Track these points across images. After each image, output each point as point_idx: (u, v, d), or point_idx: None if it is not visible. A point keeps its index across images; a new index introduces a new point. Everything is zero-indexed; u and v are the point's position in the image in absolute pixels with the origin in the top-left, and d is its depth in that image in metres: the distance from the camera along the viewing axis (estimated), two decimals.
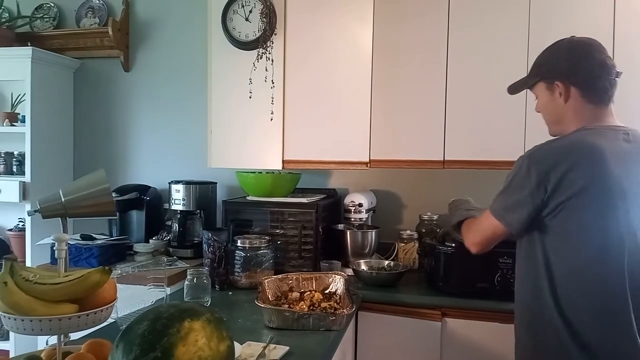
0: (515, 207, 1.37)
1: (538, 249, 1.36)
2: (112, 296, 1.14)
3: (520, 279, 1.47)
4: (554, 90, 1.45)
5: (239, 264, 2.05)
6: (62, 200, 1.18)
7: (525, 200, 1.34)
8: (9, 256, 1.08)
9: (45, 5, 3.09)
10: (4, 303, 1.01)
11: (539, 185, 1.32)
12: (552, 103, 1.46)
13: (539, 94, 1.51)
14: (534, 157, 1.36)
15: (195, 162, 2.84)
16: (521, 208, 1.36)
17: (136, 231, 2.70)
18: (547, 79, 1.46)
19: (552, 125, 1.51)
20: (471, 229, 1.59)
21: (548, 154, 1.34)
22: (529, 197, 1.34)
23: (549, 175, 1.30)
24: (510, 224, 1.40)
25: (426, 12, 2.25)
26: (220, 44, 2.38)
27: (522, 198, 1.35)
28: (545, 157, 1.34)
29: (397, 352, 2.00)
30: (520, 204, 1.36)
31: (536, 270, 1.37)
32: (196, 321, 0.93)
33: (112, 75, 3.03)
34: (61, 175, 2.95)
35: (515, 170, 1.39)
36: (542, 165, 1.32)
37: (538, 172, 1.32)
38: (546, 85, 1.47)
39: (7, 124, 2.83)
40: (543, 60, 1.50)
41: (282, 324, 1.58)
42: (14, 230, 2.92)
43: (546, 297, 1.33)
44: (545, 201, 1.32)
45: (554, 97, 1.45)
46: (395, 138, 2.30)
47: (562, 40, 1.47)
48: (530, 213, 1.35)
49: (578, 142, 1.34)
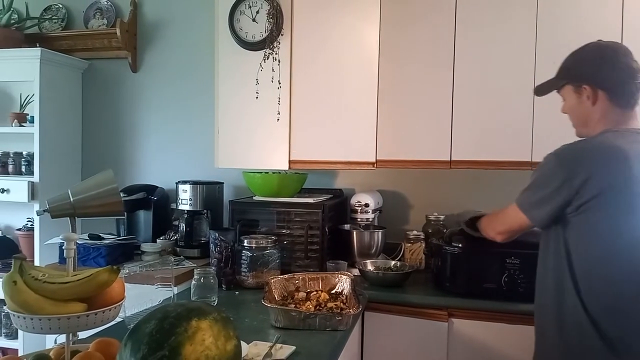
0: (540, 203, 1.42)
1: (561, 245, 1.41)
2: (120, 295, 1.15)
3: (542, 274, 1.50)
4: (581, 93, 1.48)
5: (245, 264, 2.05)
6: (70, 200, 1.19)
7: (550, 197, 1.39)
8: (18, 255, 1.09)
9: (53, 6, 3.12)
10: (13, 302, 1.02)
11: (565, 183, 1.36)
12: (580, 106, 1.50)
13: (566, 97, 1.54)
14: (562, 155, 1.40)
15: (202, 162, 2.86)
16: (546, 204, 1.41)
17: (144, 231, 2.71)
18: (575, 81, 1.50)
19: (579, 127, 1.55)
20: (496, 219, 1.66)
21: (576, 154, 1.39)
22: (554, 194, 1.38)
23: (575, 175, 1.35)
24: (535, 219, 1.46)
25: (433, 12, 2.25)
26: (227, 45, 2.38)
27: (547, 195, 1.40)
28: (573, 157, 1.38)
29: (404, 353, 2.00)
30: (546, 201, 1.41)
31: (560, 265, 1.41)
32: (203, 320, 0.93)
33: (119, 75, 3.05)
34: (69, 175, 2.97)
35: (542, 168, 1.44)
36: (569, 164, 1.37)
37: (565, 171, 1.36)
38: (574, 88, 1.50)
39: (16, 124, 2.86)
40: (571, 64, 1.53)
41: (289, 323, 1.58)
42: (22, 230, 2.95)
43: (569, 292, 1.37)
44: (570, 199, 1.36)
45: (581, 100, 1.49)
46: (402, 138, 2.29)
47: (590, 44, 1.52)
48: (555, 210, 1.40)
49: (604, 145, 1.39)
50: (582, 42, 2.04)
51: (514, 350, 1.89)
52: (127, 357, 0.89)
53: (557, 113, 2.10)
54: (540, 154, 2.09)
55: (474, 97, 2.21)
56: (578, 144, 1.43)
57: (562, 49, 2.09)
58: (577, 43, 2.07)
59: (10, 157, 2.90)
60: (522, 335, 1.87)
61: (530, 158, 2.15)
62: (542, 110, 2.14)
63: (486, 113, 2.20)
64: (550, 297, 1.44)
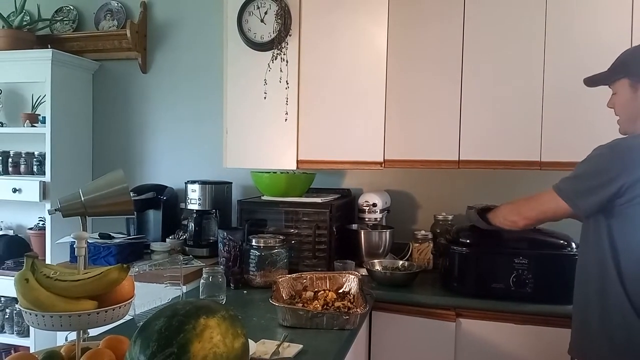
0: (588, 193, 1.45)
1: (604, 234, 1.44)
2: (130, 293, 1.16)
3: (583, 265, 1.53)
4: (638, 89, 1.49)
5: (253, 263, 2.06)
6: (81, 200, 1.20)
7: (600, 188, 1.42)
8: (30, 253, 1.10)
9: (65, 8, 3.15)
10: (25, 299, 1.04)
11: (620, 175, 1.39)
12: (634, 101, 1.51)
13: (620, 91, 1.55)
14: (618, 148, 1.43)
15: (211, 162, 2.87)
16: (594, 195, 1.43)
17: (153, 230, 2.73)
18: (634, 77, 1.50)
19: (627, 122, 1.55)
20: (525, 205, 1.67)
21: (632, 149, 1.42)
22: (607, 185, 1.41)
23: (630, 168, 1.38)
24: (580, 207, 1.48)
25: (441, 12, 2.24)
26: (236, 45, 2.40)
27: (597, 185, 1.43)
28: (630, 151, 1.41)
29: (411, 352, 2.00)
30: (594, 191, 1.43)
31: (602, 254, 1.44)
32: (212, 318, 0.94)
33: (130, 76, 3.08)
34: (80, 175, 3.00)
35: (594, 159, 1.47)
36: (625, 157, 1.40)
37: (620, 163, 1.40)
38: (631, 82, 1.51)
39: (28, 124, 2.89)
40: (630, 59, 1.54)
41: (296, 322, 1.59)
42: (34, 229, 2.99)
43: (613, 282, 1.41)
44: (622, 191, 1.39)
45: (636, 95, 1.50)
46: (410, 138, 2.29)
47: None
48: (603, 201, 1.42)
49: None
50: (591, 42, 2.06)
51: (522, 351, 1.88)
52: (137, 354, 0.90)
53: (565, 113, 2.11)
54: (549, 154, 2.13)
55: (482, 97, 2.21)
56: (634, 140, 1.45)
57: (571, 49, 2.11)
58: (586, 42, 2.08)
59: (22, 157, 2.93)
60: (529, 336, 1.87)
61: (539, 158, 2.14)
62: (551, 110, 2.13)
63: (495, 113, 2.20)
64: (593, 287, 1.47)
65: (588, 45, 2.06)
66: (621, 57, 1.55)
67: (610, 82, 1.58)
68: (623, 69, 1.53)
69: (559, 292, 1.83)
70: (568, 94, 2.08)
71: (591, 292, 1.48)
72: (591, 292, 1.48)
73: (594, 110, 1.61)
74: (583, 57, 2.06)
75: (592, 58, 1.60)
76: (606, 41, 2.02)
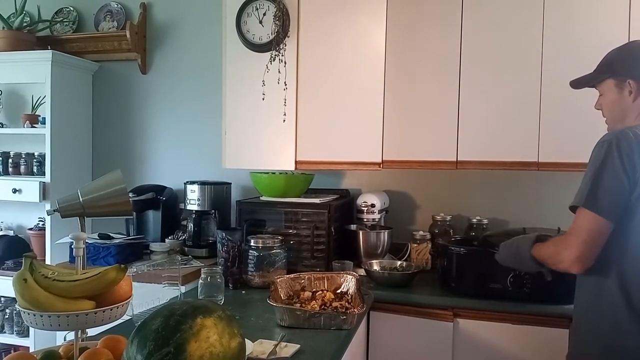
0: (610, 195, 1.34)
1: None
2: (128, 293, 1.17)
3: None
4: (623, 88, 1.48)
5: (252, 264, 2.07)
6: (80, 200, 1.21)
7: (620, 186, 1.33)
8: (29, 254, 1.11)
9: (64, 9, 3.16)
10: (24, 299, 1.05)
11: (633, 169, 1.32)
12: (620, 101, 1.50)
13: (606, 91, 1.54)
14: (621, 143, 1.34)
15: (210, 163, 2.88)
16: (617, 195, 1.33)
17: (152, 231, 2.74)
18: (618, 76, 1.49)
19: (615, 122, 1.53)
20: (565, 241, 1.41)
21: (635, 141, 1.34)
22: (625, 181, 1.32)
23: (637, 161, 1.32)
24: (608, 212, 1.34)
25: (440, 13, 2.25)
26: (235, 47, 2.40)
27: (616, 184, 1.33)
28: (630, 145, 1.33)
29: (409, 352, 2.00)
30: (616, 191, 1.33)
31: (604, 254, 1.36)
32: (208, 318, 0.95)
33: (129, 77, 3.09)
34: (80, 175, 3.00)
35: (601, 159, 1.35)
36: (631, 150, 1.32)
37: (628, 158, 1.32)
38: (616, 82, 1.50)
39: (28, 125, 2.90)
40: (615, 58, 1.52)
41: (294, 322, 1.60)
42: (34, 230, 2.99)
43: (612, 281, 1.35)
44: (633, 186, 1.32)
45: (622, 95, 1.49)
46: (408, 139, 2.30)
47: (636, 41, 1.54)
48: (626, 197, 1.33)
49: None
50: (589, 43, 2.06)
51: (519, 351, 1.89)
52: (134, 354, 0.91)
53: (563, 114, 2.12)
54: (547, 155, 2.13)
55: (481, 98, 2.21)
56: (631, 131, 1.36)
57: (569, 51, 2.11)
58: (583, 43, 2.09)
59: (22, 158, 2.94)
60: (527, 336, 1.88)
61: (537, 159, 2.15)
62: (549, 111, 2.14)
63: (493, 113, 2.20)
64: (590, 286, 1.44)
65: (585, 47, 2.07)
66: (606, 58, 1.55)
67: (596, 83, 1.57)
68: (608, 69, 1.52)
69: (556, 293, 1.84)
70: (566, 95, 2.07)
71: (587, 291, 1.46)
72: (587, 291, 1.46)
73: (591, 111, 1.61)
74: (580, 59, 2.05)
75: (590, 60, 1.60)
76: (604, 43, 2.00)
